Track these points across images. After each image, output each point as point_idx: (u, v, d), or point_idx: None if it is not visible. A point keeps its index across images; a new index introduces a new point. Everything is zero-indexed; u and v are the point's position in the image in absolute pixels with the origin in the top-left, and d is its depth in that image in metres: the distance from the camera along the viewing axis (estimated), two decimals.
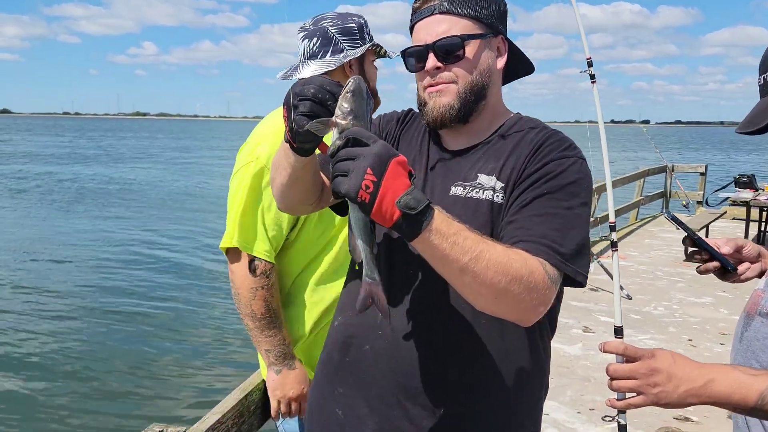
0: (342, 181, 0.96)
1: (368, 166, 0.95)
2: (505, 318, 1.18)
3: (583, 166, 1.29)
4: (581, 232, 1.23)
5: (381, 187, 0.95)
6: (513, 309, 1.12)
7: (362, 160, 0.95)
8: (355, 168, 0.95)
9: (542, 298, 1.13)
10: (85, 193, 22.09)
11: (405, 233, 1.00)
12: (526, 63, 1.45)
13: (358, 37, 1.88)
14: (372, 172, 0.95)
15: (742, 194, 9.03)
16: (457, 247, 1.02)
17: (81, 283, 9.97)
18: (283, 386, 1.83)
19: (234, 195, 1.81)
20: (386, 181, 0.96)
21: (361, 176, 0.95)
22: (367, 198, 0.95)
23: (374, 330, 1.34)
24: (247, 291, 1.78)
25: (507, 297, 1.08)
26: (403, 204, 0.96)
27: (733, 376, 1.16)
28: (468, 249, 1.03)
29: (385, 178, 0.96)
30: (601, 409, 3.96)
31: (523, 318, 1.16)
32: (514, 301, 1.10)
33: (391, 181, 0.96)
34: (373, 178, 0.95)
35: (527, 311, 1.14)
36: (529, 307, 1.12)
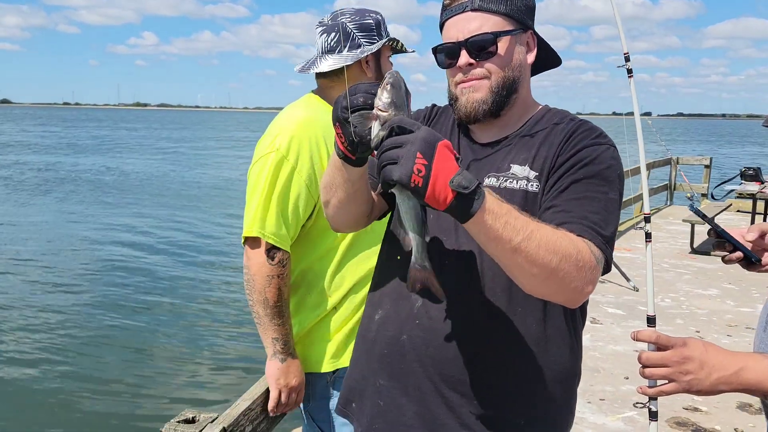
0: (392, 168, 0.97)
1: (417, 150, 0.96)
2: (554, 299, 1.20)
3: (615, 154, 1.33)
4: (615, 217, 1.27)
5: (432, 170, 0.97)
6: (563, 288, 1.14)
7: (410, 145, 0.97)
8: (405, 154, 0.97)
9: (590, 277, 1.16)
10: (79, 183, 22.11)
11: (459, 214, 1.02)
12: (553, 56, 1.48)
13: (375, 33, 1.92)
14: (422, 156, 0.96)
15: (748, 187, 9.04)
16: (509, 227, 1.05)
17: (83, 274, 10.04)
18: (287, 375, 1.86)
19: (254, 185, 1.84)
20: (436, 163, 0.97)
21: (411, 161, 0.96)
22: (420, 182, 0.96)
23: (411, 320, 1.37)
24: (263, 278, 1.80)
25: (558, 276, 1.11)
26: (456, 184, 0.98)
27: (765, 364, 1.20)
28: (520, 228, 1.06)
29: (435, 161, 0.97)
30: (610, 399, 4.00)
31: (572, 298, 1.19)
32: (565, 281, 1.12)
33: (441, 163, 0.98)
34: (424, 162, 0.96)
35: (576, 291, 1.16)
36: (579, 287, 1.15)
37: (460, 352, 1.33)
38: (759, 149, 54.09)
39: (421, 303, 1.36)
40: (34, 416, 5.63)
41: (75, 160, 31.74)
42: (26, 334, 7.36)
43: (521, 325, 1.33)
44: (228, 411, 1.77)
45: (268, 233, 1.80)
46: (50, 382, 6.25)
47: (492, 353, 1.33)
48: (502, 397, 1.34)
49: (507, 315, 1.32)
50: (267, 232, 1.80)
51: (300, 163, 1.81)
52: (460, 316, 1.33)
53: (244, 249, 1.85)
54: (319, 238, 1.90)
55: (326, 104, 1.94)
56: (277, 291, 1.81)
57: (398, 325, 1.38)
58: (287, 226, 1.82)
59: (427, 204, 1.01)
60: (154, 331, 7.59)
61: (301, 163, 1.81)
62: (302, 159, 1.81)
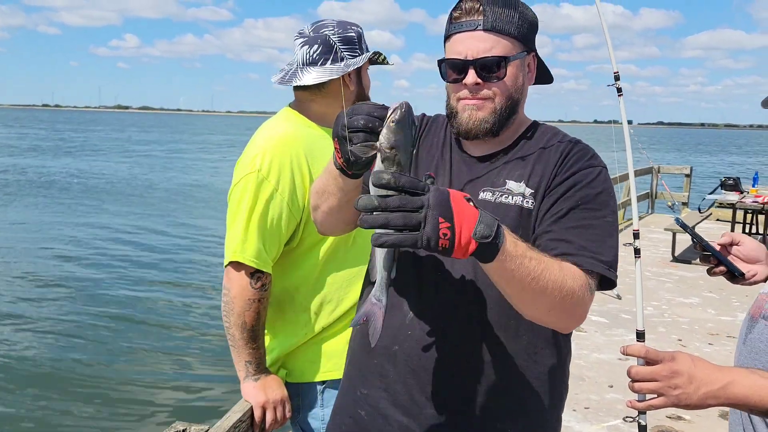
0: (412, 237, 0.95)
1: (438, 215, 0.95)
2: (550, 326, 1.27)
3: (607, 176, 1.37)
4: (615, 239, 1.31)
5: (456, 229, 0.97)
6: (561, 320, 1.23)
7: (430, 211, 0.95)
8: (427, 220, 0.95)
9: (586, 308, 1.24)
10: (50, 186, 21.76)
11: (481, 259, 1.04)
12: (546, 74, 1.50)
13: (357, 46, 1.91)
14: (443, 219, 0.95)
15: (728, 196, 9.19)
16: (522, 269, 1.08)
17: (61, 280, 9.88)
18: (264, 390, 1.84)
19: (236, 208, 1.81)
20: (457, 220, 0.97)
21: (436, 228, 0.95)
22: (446, 244, 0.96)
23: (404, 330, 1.38)
24: (244, 302, 1.78)
25: (558, 310, 1.18)
26: (479, 235, 0.99)
27: (752, 379, 1.22)
28: (532, 269, 1.10)
29: (455, 219, 0.97)
30: (595, 408, 4.04)
31: (567, 326, 1.27)
32: (564, 314, 1.20)
33: (461, 217, 0.97)
34: (447, 225, 0.96)
35: (572, 321, 1.25)
36: (575, 318, 1.24)
37: (452, 364, 1.35)
38: (737, 158, 54.95)
39: (413, 315, 1.37)
40: (17, 429, 5.54)
41: (42, 162, 31.20)
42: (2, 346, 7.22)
43: (513, 336, 1.35)
44: (219, 423, 1.76)
45: (252, 258, 1.78)
46: (34, 393, 6.14)
47: (484, 365, 1.35)
48: (493, 407, 1.35)
49: (499, 327, 1.34)
50: (250, 257, 1.78)
51: (281, 183, 1.79)
52: (453, 329, 1.35)
53: (226, 270, 1.82)
54: (303, 255, 1.89)
55: (305, 119, 1.91)
56: (256, 315, 1.80)
57: (390, 336, 1.38)
58: (270, 248, 1.80)
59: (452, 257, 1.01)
60: (141, 342, 7.47)
61: (282, 183, 1.79)
62: (283, 178, 1.79)
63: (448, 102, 1.40)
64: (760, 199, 8.74)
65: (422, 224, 0.95)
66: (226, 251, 1.82)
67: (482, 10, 1.30)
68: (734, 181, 9.48)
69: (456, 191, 1.01)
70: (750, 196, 9.06)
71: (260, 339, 1.83)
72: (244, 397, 1.86)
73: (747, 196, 9.09)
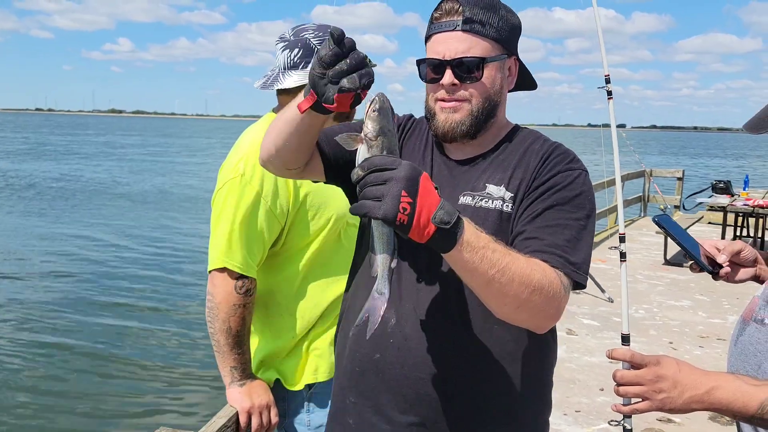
0: (376, 206, 0.98)
1: (402, 189, 0.98)
2: (522, 325, 1.24)
3: (587, 179, 1.35)
4: (588, 242, 1.29)
5: (417, 207, 0.99)
6: (532, 317, 1.19)
7: (394, 183, 0.98)
8: (389, 192, 0.98)
9: (558, 307, 1.19)
10: (27, 190, 21.57)
11: (439, 247, 1.04)
12: (530, 80, 1.50)
13: None
14: (407, 194, 0.98)
15: (719, 199, 9.23)
16: (485, 261, 1.07)
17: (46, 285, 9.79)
18: (250, 395, 1.83)
19: (219, 213, 1.80)
20: (420, 199, 0.99)
21: (397, 200, 0.97)
22: (405, 219, 0.98)
23: (386, 339, 1.36)
24: (229, 307, 1.77)
25: (528, 307, 1.14)
26: (438, 220, 1.00)
27: (736, 385, 1.22)
28: (495, 262, 1.08)
29: (419, 197, 0.99)
30: (586, 411, 4.04)
31: (540, 325, 1.23)
32: (534, 311, 1.16)
33: (424, 198, 1.00)
34: (408, 200, 0.98)
35: (545, 319, 1.21)
36: (547, 316, 1.20)
37: (436, 371, 1.33)
38: (729, 161, 55.23)
39: (395, 321, 1.36)
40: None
41: (32, 166, 30.92)
42: None
43: (497, 341, 1.34)
44: (204, 428, 1.75)
45: (236, 263, 1.77)
46: (16, 401, 6.06)
47: (468, 371, 1.34)
48: (477, 414, 1.34)
49: (483, 332, 1.34)
50: (235, 262, 1.77)
51: (264, 188, 1.77)
52: (436, 335, 1.34)
53: (210, 276, 1.81)
54: (288, 259, 1.88)
55: None
56: (241, 320, 1.79)
57: (372, 343, 1.37)
58: (254, 253, 1.79)
59: (408, 238, 1.02)
60: (125, 347, 7.40)
61: (265, 187, 1.78)
62: (266, 183, 1.78)
63: (426, 103, 1.40)
64: (751, 202, 8.77)
65: (384, 195, 0.98)
66: (210, 257, 1.81)
67: (462, 11, 1.31)
68: (725, 185, 9.53)
69: (428, 176, 1.03)
70: (741, 198, 9.10)
71: (245, 344, 1.82)
72: (229, 402, 1.85)
73: (738, 199, 9.13)
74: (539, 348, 1.40)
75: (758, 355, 1.36)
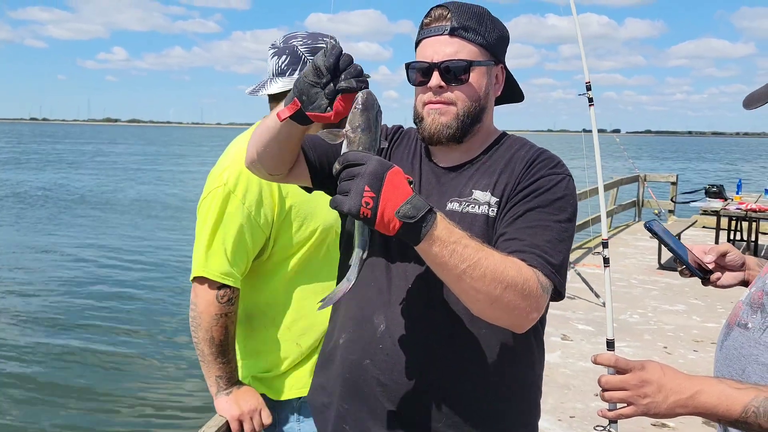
0: (343, 200, 1.03)
1: (365, 184, 1.03)
2: (500, 324, 1.24)
3: (570, 183, 1.37)
4: (566, 246, 1.31)
5: (380, 201, 1.03)
6: (507, 315, 1.19)
7: (359, 179, 1.03)
8: (354, 187, 1.03)
9: (535, 305, 1.20)
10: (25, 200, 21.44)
11: (407, 240, 1.08)
12: (518, 91, 1.53)
13: None
14: (369, 188, 1.02)
15: (712, 204, 9.26)
16: (456, 255, 1.09)
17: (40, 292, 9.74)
18: (238, 402, 1.82)
19: (203, 222, 1.81)
20: (384, 194, 1.03)
21: (360, 194, 1.02)
22: (368, 213, 1.03)
23: (375, 344, 1.37)
24: (211, 317, 1.77)
25: (502, 303, 1.15)
26: (402, 214, 1.04)
27: (720, 389, 1.22)
28: (467, 257, 1.10)
29: (383, 192, 1.03)
30: (581, 416, 4.04)
31: (517, 324, 1.23)
32: (509, 308, 1.16)
33: (389, 193, 1.04)
34: (371, 194, 1.03)
35: (521, 318, 1.20)
36: (523, 314, 1.19)
37: (425, 375, 1.34)
38: (723, 165, 55.45)
39: (385, 327, 1.37)
40: None
41: (18, 176, 30.69)
42: None
43: (485, 345, 1.35)
44: None
45: (217, 272, 1.77)
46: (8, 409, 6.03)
47: (457, 375, 1.35)
48: (468, 417, 1.35)
49: (471, 336, 1.35)
50: (216, 272, 1.77)
51: (248, 198, 1.77)
52: (425, 339, 1.35)
53: (192, 286, 1.81)
54: (274, 269, 1.87)
55: None
56: (224, 330, 1.78)
57: (361, 349, 1.39)
58: (236, 263, 1.79)
59: (378, 230, 1.06)
60: (114, 356, 7.33)
61: (249, 197, 1.77)
62: (250, 193, 1.77)
63: (414, 108, 1.42)
64: (744, 206, 8.81)
65: (350, 190, 1.03)
66: (192, 266, 1.81)
67: (451, 18, 1.35)
68: (718, 189, 9.57)
69: (400, 171, 1.07)
70: (734, 203, 9.14)
71: (230, 353, 1.82)
72: (218, 412, 1.84)
73: (731, 203, 9.17)
74: (527, 350, 1.41)
75: (742, 360, 1.37)
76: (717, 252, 1.66)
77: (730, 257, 1.66)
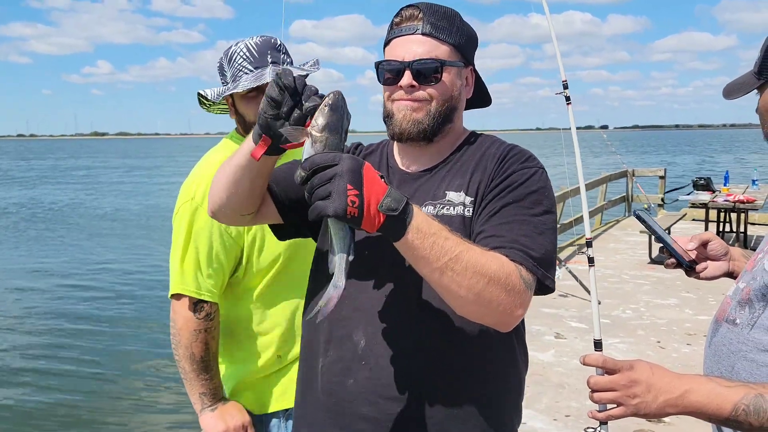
0: (326, 204, 0.99)
1: (347, 183, 0.99)
2: (485, 322, 1.21)
3: (544, 176, 1.35)
4: (548, 238, 1.27)
5: (365, 197, 1.00)
6: (492, 311, 1.15)
7: (339, 179, 0.99)
8: (335, 188, 0.99)
9: (519, 301, 1.17)
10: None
11: (390, 235, 1.05)
12: (485, 96, 1.53)
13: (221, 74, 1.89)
14: (352, 186, 0.99)
15: (700, 196, 9.30)
16: (437, 248, 1.07)
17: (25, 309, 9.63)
18: (223, 418, 1.79)
19: (175, 238, 1.79)
20: (366, 189, 1.00)
21: (344, 194, 0.98)
22: (355, 212, 0.99)
23: (357, 362, 1.33)
24: (190, 333, 1.75)
25: (485, 299, 1.12)
26: (385, 207, 1.02)
27: (709, 387, 1.20)
28: (448, 250, 1.07)
29: (365, 187, 1.00)
30: (576, 415, 4.02)
31: (502, 321, 1.20)
32: (493, 303, 1.13)
33: (370, 187, 1.01)
34: (355, 192, 0.99)
35: (506, 314, 1.17)
36: (507, 310, 1.16)
37: (410, 387, 1.31)
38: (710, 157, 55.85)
39: (365, 342, 1.33)
40: None
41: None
42: None
43: (470, 353, 1.32)
44: None
45: (192, 288, 1.74)
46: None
47: (442, 385, 1.32)
48: (457, 424, 1.32)
49: (456, 342, 1.32)
50: (191, 287, 1.74)
51: None
52: (407, 351, 1.31)
53: (171, 303, 1.79)
54: (252, 282, 1.84)
55: None
56: (204, 345, 1.76)
57: (343, 369, 1.34)
58: (211, 277, 1.76)
59: (362, 229, 1.03)
60: (99, 372, 7.20)
61: None
62: None
63: (384, 106, 1.40)
64: (731, 198, 8.85)
65: (332, 193, 0.98)
66: (170, 283, 1.78)
67: (422, 17, 1.34)
68: (706, 181, 9.61)
69: (371, 166, 1.04)
70: (722, 195, 9.18)
71: (212, 369, 1.79)
72: (203, 429, 1.81)
73: (719, 195, 9.21)
74: (512, 355, 1.39)
75: (731, 356, 1.36)
76: (699, 240, 1.65)
77: (712, 246, 1.64)
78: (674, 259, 1.64)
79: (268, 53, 1.80)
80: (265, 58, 1.79)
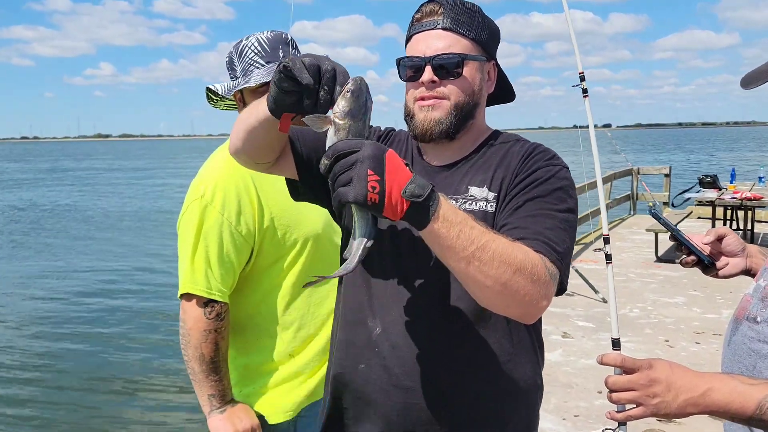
0: (346, 191, 0.96)
1: (368, 168, 0.96)
2: (509, 313, 1.18)
3: (568, 175, 1.33)
4: (570, 235, 1.26)
5: (386, 184, 0.97)
6: (518, 302, 1.12)
7: (360, 164, 0.96)
8: (356, 174, 0.96)
9: (545, 292, 1.13)
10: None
11: (415, 223, 1.02)
12: (509, 91, 1.50)
13: (230, 69, 1.89)
14: (373, 172, 0.96)
15: (707, 194, 9.25)
16: (463, 236, 1.04)
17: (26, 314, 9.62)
18: (232, 421, 1.76)
19: (183, 238, 1.76)
20: (388, 176, 0.97)
21: (364, 180, 0.95)
22: (376, 198, 0.96)
23: (370, 348, 1.34)
24: (200, 333, 1.72)
25: (512, 289, 1.09)
26: (409, 193, 0.98)
27: (732, 385, 1.17)
28: (474, 238, 1.04)
29: (386, 174, 0.97)
30: (585, 415, 3.98)
31: (527, 312, 1.16)
32: (519, 294, 1.10)
33: (393, 174, 0.98)
34: (376, 178, 0.96)
35: (531, 305, 1.13)
36: (533, 300, 1.12)
37: (424, 378, 1.30)
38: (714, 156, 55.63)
39: (381, 330, 1.33)
40: None
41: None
42: None
43: (486, 344, 1.31)
44: None
45: (202, 288, 1.71)
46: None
47: (457, 376, 1.31)
48: (468, 419, 1.32)
49: (472, 336, 1.31)
50: (201, 287, 1.71)
51: (226, 209, 1.72)
52: (422, 343, 1.31)
53: (180, 303, 1.76)
54: (259, 277, 1.81)
55: None
56: (214, 346, 1.73)
57: (355, 354, 1.36)
58: (222, 277, 1.73)
59: (384, 217, 1.00)
60: (105, 374, 7.16)
61: (227, 208, 1.72)
62: (229, 203, 1.72)
63: (405, 104, 1.39)
64: (738, 195, 8.80)
65: (352, 178, 0.96)
66: (179, 283, 1.76)
67: (442, 12, 1.33)
68: (712, 179, 9.56)
69: (395, 153, 1.00)
70: (728, 192, 9.13)
71: (222, 371, 1.76)
72: (211, 431, 1.78)
73: (725, 192, 9.16)
74: (528, 348, 1.38)
75: (752, 355, 1.32)
76: (715, 234, 1.61)
77: (728, 241, 1.60)
78: (694, 256, 1.60)
79: (279, 48, 1.79)
80: (277, 53, 1.78)
